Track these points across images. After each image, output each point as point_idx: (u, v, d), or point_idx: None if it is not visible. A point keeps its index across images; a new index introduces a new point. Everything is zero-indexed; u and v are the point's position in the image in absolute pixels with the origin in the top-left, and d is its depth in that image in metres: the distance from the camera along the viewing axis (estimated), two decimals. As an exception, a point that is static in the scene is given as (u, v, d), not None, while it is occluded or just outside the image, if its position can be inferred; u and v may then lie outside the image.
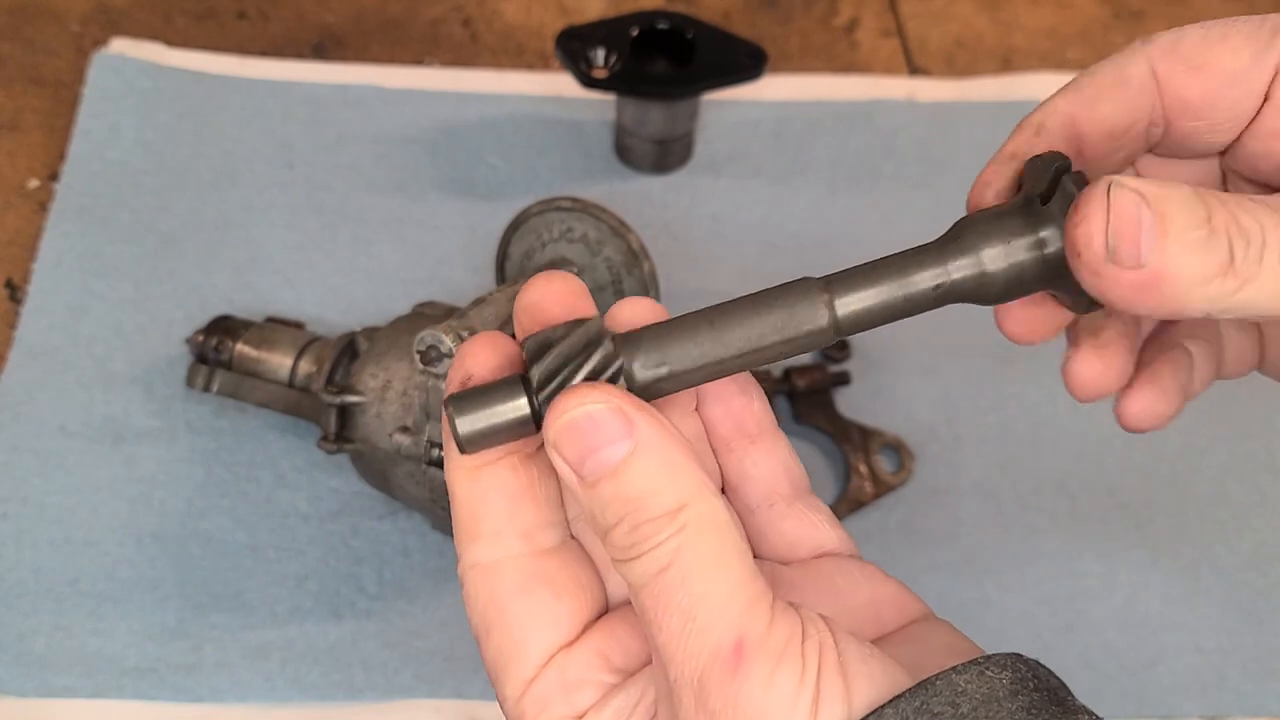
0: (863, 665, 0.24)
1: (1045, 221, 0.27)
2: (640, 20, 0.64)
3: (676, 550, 0.24)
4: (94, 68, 0.70)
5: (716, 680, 0.23)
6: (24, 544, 0.54)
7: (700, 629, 0.24)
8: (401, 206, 0.66)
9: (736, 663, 0.23)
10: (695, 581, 0.24)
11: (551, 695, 0.26)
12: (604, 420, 0.24)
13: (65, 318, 0.61)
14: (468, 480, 0.27)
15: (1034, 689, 0.24)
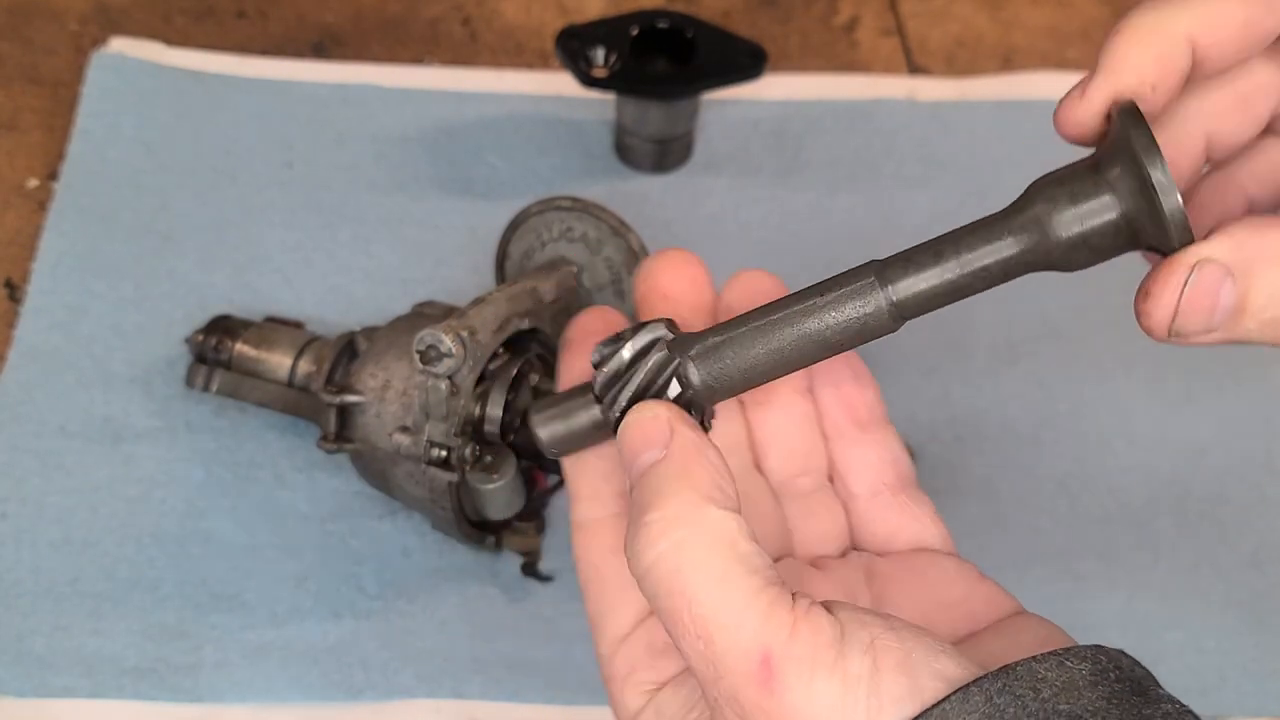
0: (934, 663, 0.24)
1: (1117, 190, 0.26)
2: (640, 19, 0.64)
3: (672, 574, 0.24)
4: (93, 67, 0.69)
5: (753, 700, 0.23)
6: (23, 544, 0.54)
7: (720, 652, 0.23)
8: (401, 206, 0.66)
9: (767, 678, 0.23)
10: (702, 604, 0.23)
11: (638, 658, 0.27)
12: (652, 429, 0.27)
13: (64, 317, 0.61)
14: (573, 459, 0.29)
15: (1115, 679, 0.24)
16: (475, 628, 0.53)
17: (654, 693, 0.26)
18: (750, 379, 0.28)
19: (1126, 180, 0.26)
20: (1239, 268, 0.24)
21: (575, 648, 0.53)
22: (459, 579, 0.55)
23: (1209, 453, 0.60)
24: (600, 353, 0.30)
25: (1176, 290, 0.24)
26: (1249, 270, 0.24)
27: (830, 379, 0.33)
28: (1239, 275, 0.24)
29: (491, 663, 0.52)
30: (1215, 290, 0.24)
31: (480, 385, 0.50)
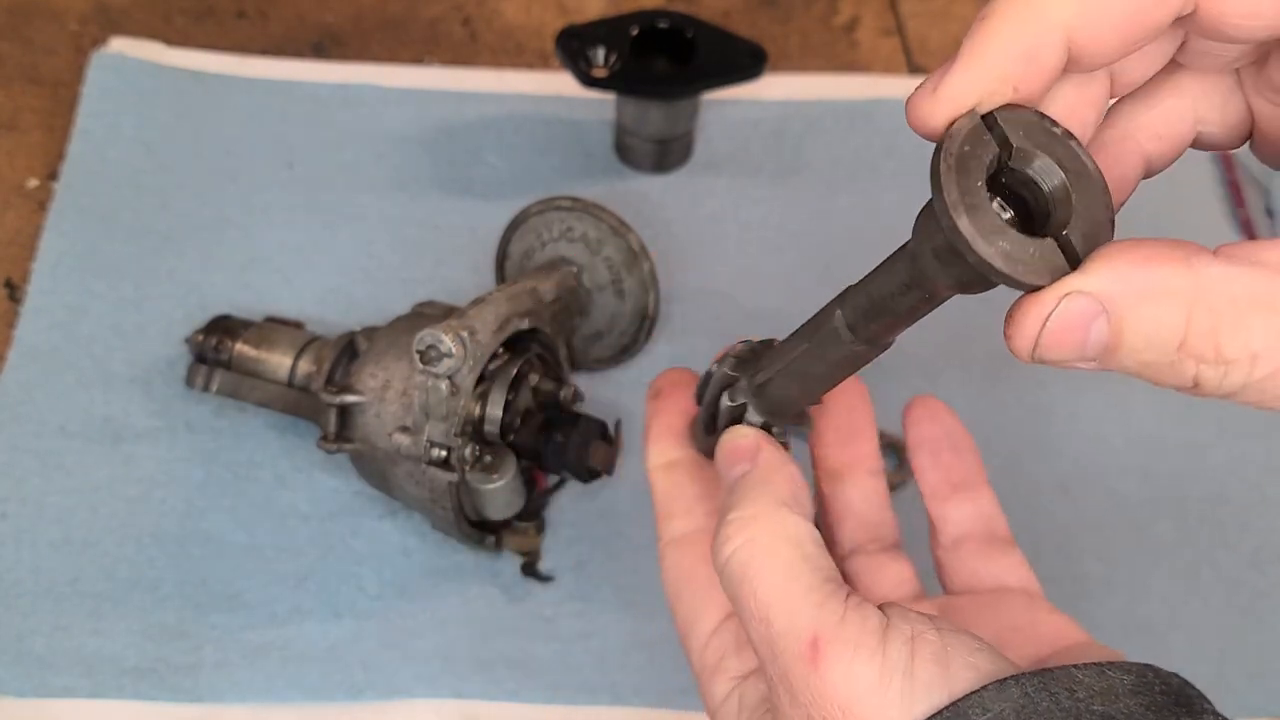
0: (969, 656, 0.25)
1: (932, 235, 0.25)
2: (640, 19, 0.64)
3: (745, 564, 0.27)
4: (93, 67, 0.69)
5: (800, 677, 0.25)
6: (23, 544, 0.54)
7: (777, 633, 0.26)
8: (401, 206, 0.66)
9: (814, 657, 0.25)
10: (765, 590, 0.26)
11: (727, 649, 0.29)
12: (744, 445, 0.30)
13: (64, 317, 0.61)
14: (664, 474, 0.32)
15: (1160, 692, 0.24)
16: (475, 627, 0.53)
17: (739, 682, 0.29)
18: (795, 406, 0.33)
19: (934, 229, 0.24)
20: (1115, 304, 0.22)
21: (575, 647, 0.53)
22: (459, 579, 0.55)
23: (1209, 453, 0.60)
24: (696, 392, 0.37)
25: (1038, 322, 0.22)
26: (1125, 308, 0.22)
27: (929, 448, 0.37)
28: (1114, 312, 0.22)
29: (491, 662, 0.52)
30: (1084, 325, 0.22)
31: (480, 385, 0.50)
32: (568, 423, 0.52)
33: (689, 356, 0.62)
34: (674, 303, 0.63)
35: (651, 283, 0.57)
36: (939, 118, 0.24)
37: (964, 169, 0.23)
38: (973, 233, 0.23)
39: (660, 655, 0.53)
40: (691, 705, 0.52)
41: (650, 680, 0.52)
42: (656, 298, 0.58)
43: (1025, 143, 0.24)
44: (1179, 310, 0.21)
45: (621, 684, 0.52)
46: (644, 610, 0.54)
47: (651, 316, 0.58)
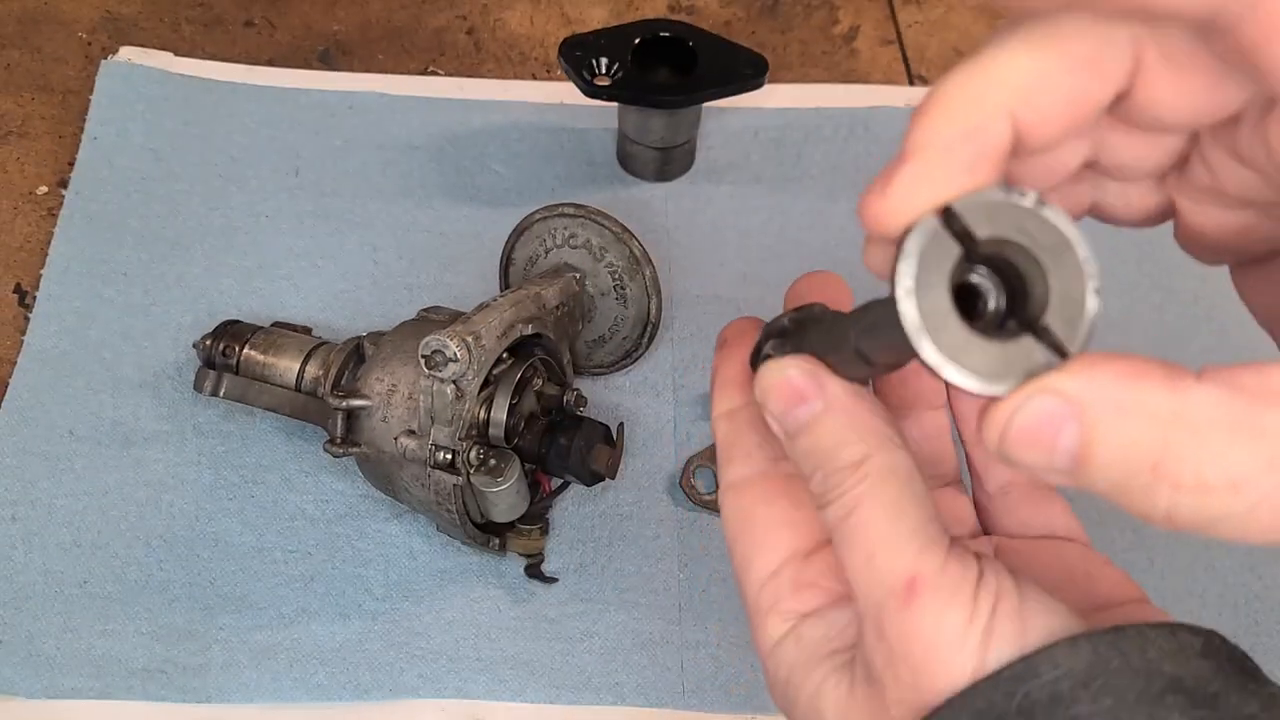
0: (1044, 615, 0.25)
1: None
2: (642, 29, 0.65)
3: (858, 497, 0.26)
4: (102, 75, 0.70)
5: (892, 613, 0.25)
6: (33, 546, 0.55)
7: (878, 567, 0.25)
8: (407, 213, 0.67)
9: (909, 598, 0.25)
10: (875, 525, 0.26)
11: (783, 591, 0.29)
12: (800, 383, 0.28)
13: (74, 323, 0.61)
14: (725, 421, 0.31)
15: (1226, 658, 0.24)
16: (480, 628, 0.54)
17: (797, 620, 0.29)
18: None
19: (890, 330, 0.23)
20: (1088, 412, 0.21)
21: (578, 648, 0.54)
22: (464, 580, 0.55)
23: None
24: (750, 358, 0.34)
25: (1005, 415, 0.22)
26: (1099, 418, 0.21)
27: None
28: (1086, 421, 0.21)
29: (496, 663, 0.53)
30: (1053, 427, 0.21)
31: (485, 390, 0.51)
32: (571, 426, 0.53)
33: (691, 362, 0.62)
34: (676, 308, 0.64)
35: (654, 289, 0.58)
36: (893, 220, 0.23)
37: (925, 282, 0.22)
38: (939, 360, 0.22)
39: (663, 655, 0.54)
40: (692, 705, 0.52)
41: (653, 680, 0.53)
42: (659, 303, 0.58)
43: (991, 229, 0.23)
44: (1156, 429, 0.21)
45: (624, 684, 0.53)
46: (646, 611, 0.55)
47: (654, 322, 0.59)
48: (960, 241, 0.23)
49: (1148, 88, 0.24)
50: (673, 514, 0.58)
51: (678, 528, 0.57)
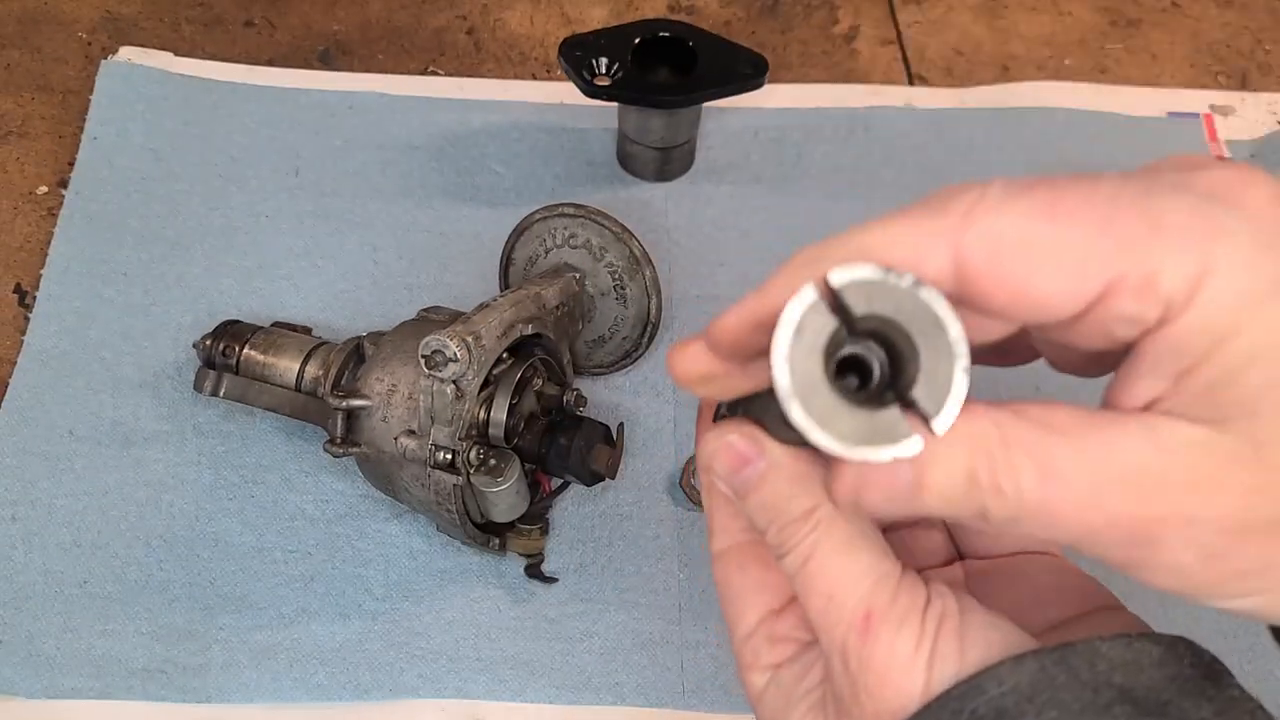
0: (983, 631, 0.27)
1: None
2: (642, 29, 0.65)
3: (813, 544, 0.28)
4: (102, 75, 0.70)
5: (853, 646, 0.27)
6: (33, 546, 0.55)
7: (837, 605, 0.28)
8: (407, 213, 0.67)
9: (866, 630, 0.27)
10: (830, 568, 0.28)
11: (761, 647, 0.32)
12: (741, 446, 0.30)
13: (74, 323, 0.61)
14: (707, 496, 0.33)
15: (1189, 664, 0.26)
16: (480, 628, 0.54)
17: (774, 670, 0.31)
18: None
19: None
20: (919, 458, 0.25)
21: (578, 648, 0.54)
22: (464, 581, 0.55)
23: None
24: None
25: (852, 474, 0.26)
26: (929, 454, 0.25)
27: None
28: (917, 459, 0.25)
29: (496, 663, 0.53)
30: (891, 471, 0.25)
31: (485, 390, 0.51)
32: (571, 426, 0.53)
33: (691, 361, 0.62)
34: (676, 308, 0.64)
35: (653, 289, 0.58)
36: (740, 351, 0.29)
37: (799, 351, 0.25)
38: (806, 423, 0.24)
39: (662, 655, 0.54)
40: (692, 705, 0.52)
41: (653, 680, 0.53)
42: (658, 303, 0.58)
43: (868, 306, 0.24)
44: (966, 452, 0.25)
45: (624, 684, 0.53)
46: (646, 611, 0.55)
47: (653, 322, 0.59)
48: (838, 315, 0.25)
49: (976, 281, 0.26)
50: (673, 514, 0.58)
51: (678, 528, 0.57)
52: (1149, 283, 0.23)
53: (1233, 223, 0.23)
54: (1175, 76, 0.77)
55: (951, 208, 0.25)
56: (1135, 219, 0.23)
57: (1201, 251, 0.23)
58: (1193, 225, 0.23)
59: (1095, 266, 0.23)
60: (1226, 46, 0.79)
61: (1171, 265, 0.23)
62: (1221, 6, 0.82)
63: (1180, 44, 0.79)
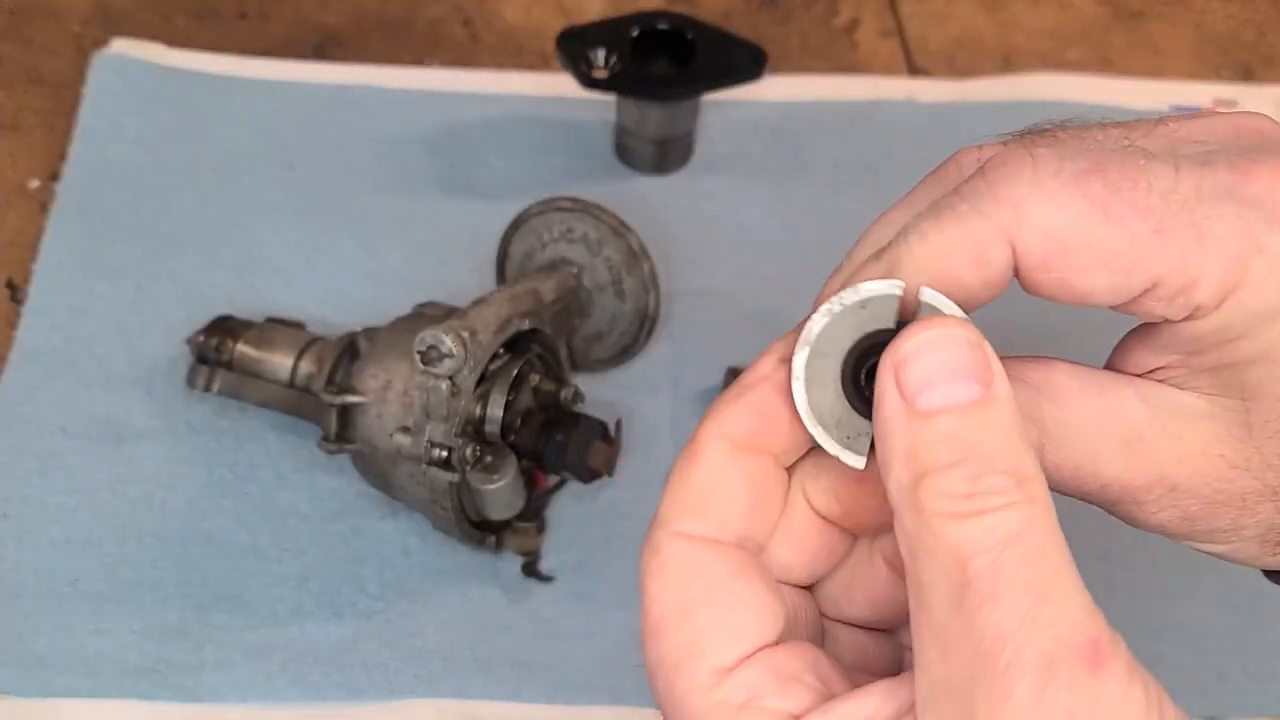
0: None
1: None
2: (640, 21, 0.65)
3: (1030, 521, 0.21)
4: (94, 68, 0.70)
5: (1069, 673, 0.20)
6: (25, 544, 0.54)
7: (1053, 615, 0.21)
8: (402, 207, 0.67)
9: (1097, 661, 0.21)
10: (1050, 562, 0.21)
11: (763, 684, 0.23)
12: (971, 356, 0.22)
13: (66, 318, 0.61)
14: (721, 452, 0.25)
15: None
16: (476, 628, 0.53)
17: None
18: None
19: None
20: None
21: (575, 647, 0.53)
22: (460, 579, 0.55)
23: (1208, 453, 0.60)
24: None
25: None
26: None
27: None
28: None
29: (492, 662, 0.52)
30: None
31: (481, 386, 0.50)
32: (568, 423, 0.52)
33: (690, 357, 0.62)
34: (674, 303, 0.64)
35: (652, 283, 0.58)
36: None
37: (820, 349, 0.25)
38: (807, 417, 0.25)
39: (661, 655, 0.53)
40: (692, 705, 0.52)
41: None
42: (657, 298, 0.58)
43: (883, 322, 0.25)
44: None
45: (621, 684, 0.52)
46: (644, 610, 0.54)
47: (652, 317, 0.58)
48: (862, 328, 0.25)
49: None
50: (671, 511, 0.57)
51: (676, 525, 0.57)
52: (1185, 291, 0.24)
53: (1272, 239, 0.24)
54: (1178, 69, 0.77)
55: (1002, 198, 0.24)
56: (1183, 228, 0.24)
57: (1239, 266, 0.24)
58: (1233, 239, 0.24)
59: (1140, 272, 0.24)
60: (1230, 39, 0.79)
61: (1209, 278, 0.24)
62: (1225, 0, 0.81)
63: (1184, 36, 0.79)
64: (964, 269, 0.24)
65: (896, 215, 0.28)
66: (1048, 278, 0.24)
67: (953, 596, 0.21)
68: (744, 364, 0.60)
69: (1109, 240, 0.24)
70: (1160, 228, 0.24)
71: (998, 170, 0.24)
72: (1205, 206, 0.24)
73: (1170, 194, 0.24)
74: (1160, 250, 0.24)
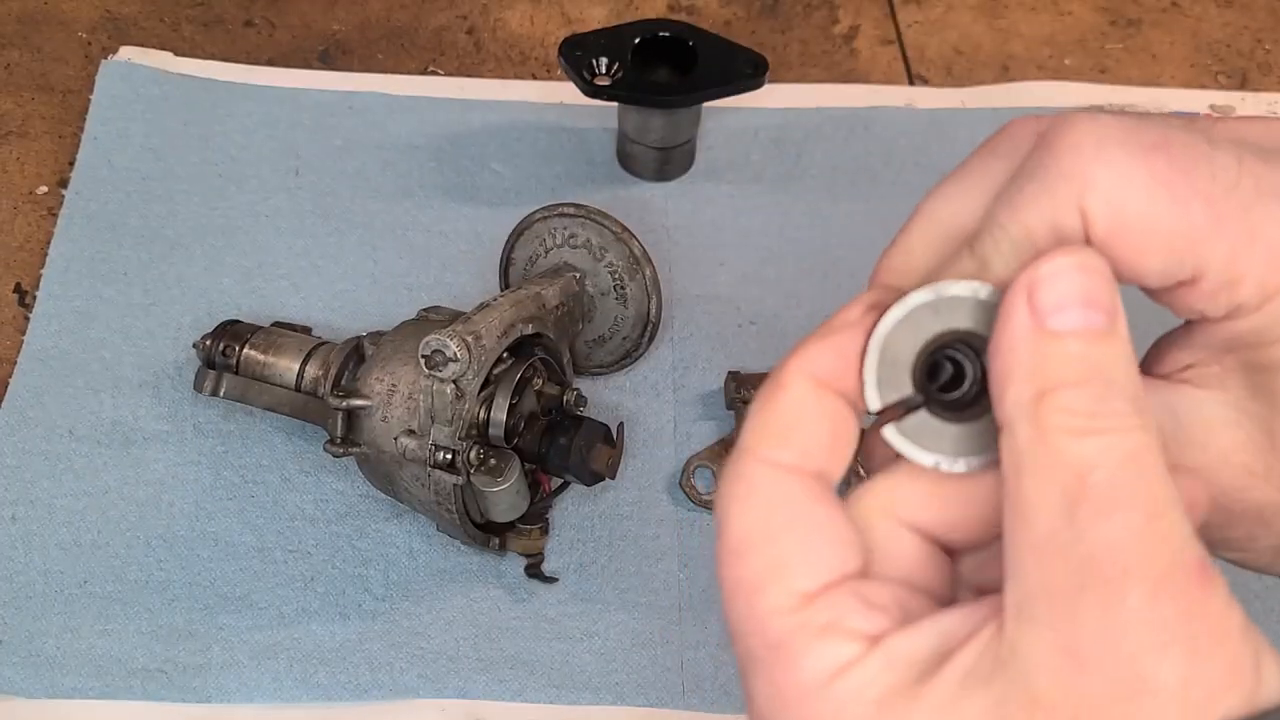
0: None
1: None
2: (642, 29, 0.65)
3: (1146, 447, 0.21)
4: (102, 75, 0.70)
5: (1180, 585, 0.20)
6: (33, 546, 0.55)
7: (1165, 532, 0.21)
8: (407, 213, 0.67)
9: (1205, 578, 0.21)
10: (1163, 485, 0.21)
11: (847, 607, 0.23)
12: (1104, 288, 0.23)
13: (74, 322, 0.61)
14: (804, 387, 0.25)
15: None
16: (480, 628, 0.54)
17: (872, 642, 0.22)
18: None
19: None
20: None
21: (579, 647, 0.54)
22: (464, 580, 0.55)
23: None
24: None
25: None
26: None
27: None
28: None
29: (496, 662, 0.53)
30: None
31: (485, 389, 0.51)
32: (571, 426, 0.53)
33: (691, 362, 0.62)
34: (676, 308, 0.64)
35: (654, 288, 0.58)
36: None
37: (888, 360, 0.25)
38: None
39: (662, 655, 0.54)
40: (692, 705, 0.52)
41: (653, 680, 0.53)
42: (659, 303, 0.58)
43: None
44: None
45: (625, 683, 0.53)
46: (646, 611, 0.55)
47: (654, 322, 0.59)
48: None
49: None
50: (673, 514, 0.58)
51: (678, 528, 0.57)
52: (1229, 287, 0.24)
53: None
54: (1175, 76, 0.77)
55: (1067, 169, 0.23)
56: (1238, 222, 0.23)
57: None
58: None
59: (1192, 258, 0.23)
60: (1226, 46, 0.79)
61: (1254, 278, 0.24)
62: (1222, 6, 0.82)
63: (1180, 44, 0.79)
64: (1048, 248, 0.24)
65: (951, 189, 0.27)
66: (1107, 251, 0.23)
67: (1064, 509, 0.21)
68: (745, 368, 0.61)
69: (1171, 222, 0.23)
70: (1219, 219, 0.23)
71: (1062, 139, 0.23)
72: (1262, 205, 0.23)
73: (1232, 187, 0.23)
74: (1213, 241, 0.23)
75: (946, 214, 0.26)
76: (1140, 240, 0.23)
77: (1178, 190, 0.23)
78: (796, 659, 0.22)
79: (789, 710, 0.22)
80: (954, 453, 0.24)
